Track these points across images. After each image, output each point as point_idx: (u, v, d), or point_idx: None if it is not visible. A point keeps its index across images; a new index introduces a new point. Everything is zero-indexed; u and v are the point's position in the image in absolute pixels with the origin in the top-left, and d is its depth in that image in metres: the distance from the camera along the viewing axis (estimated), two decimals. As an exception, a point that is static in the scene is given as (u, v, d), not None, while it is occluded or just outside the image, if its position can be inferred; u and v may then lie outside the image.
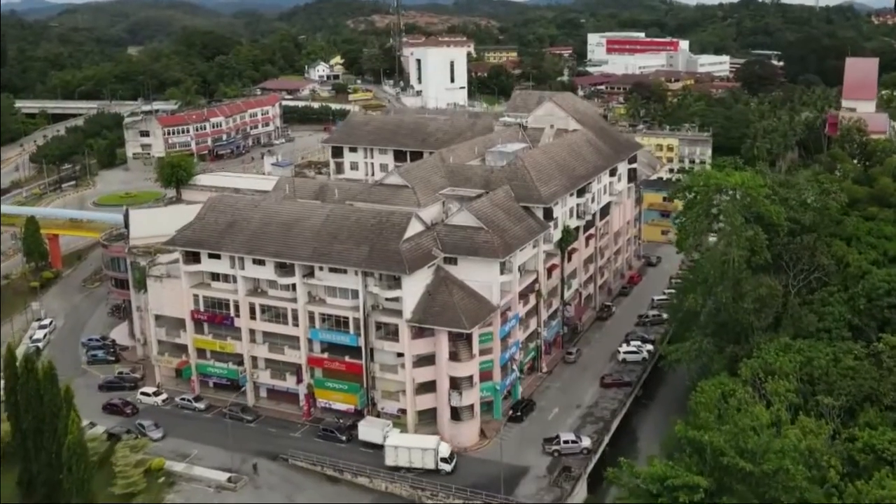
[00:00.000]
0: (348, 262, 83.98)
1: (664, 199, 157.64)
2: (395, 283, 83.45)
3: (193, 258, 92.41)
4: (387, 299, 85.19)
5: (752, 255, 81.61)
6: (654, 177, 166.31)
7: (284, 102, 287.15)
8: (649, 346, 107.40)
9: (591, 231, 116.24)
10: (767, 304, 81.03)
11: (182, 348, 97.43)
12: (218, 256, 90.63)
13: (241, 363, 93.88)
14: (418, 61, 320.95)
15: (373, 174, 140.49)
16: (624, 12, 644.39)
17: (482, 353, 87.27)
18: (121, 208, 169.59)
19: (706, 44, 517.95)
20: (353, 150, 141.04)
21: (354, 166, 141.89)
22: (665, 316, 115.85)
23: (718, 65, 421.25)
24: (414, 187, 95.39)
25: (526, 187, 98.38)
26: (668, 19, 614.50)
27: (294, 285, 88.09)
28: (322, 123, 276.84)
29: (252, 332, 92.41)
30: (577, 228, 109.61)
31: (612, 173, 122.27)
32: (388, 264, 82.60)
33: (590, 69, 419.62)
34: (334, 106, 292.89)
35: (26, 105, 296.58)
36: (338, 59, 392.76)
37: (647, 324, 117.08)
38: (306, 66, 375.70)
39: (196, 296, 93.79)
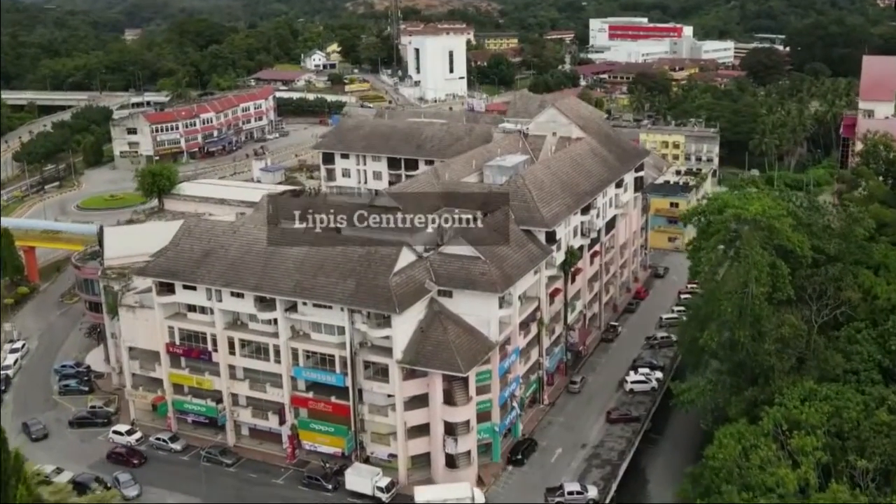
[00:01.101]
0: (333, 299, 77.07)
1: (671, 204, 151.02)
2: (385, 321, 76.54)
3: (167, 288, 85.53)
4: (376, 336, 78.41)
5: (774, 290, 74.56)
6: (661, 179, 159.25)
7: (279, 94, 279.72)
8: (658, 374, 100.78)
9: (596, 248, 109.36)
10: (790, 344, 74.15)
11: (158, 382, 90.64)
12: (193, 288, 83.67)
13: (220, 400, 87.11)
14: (416, 51, 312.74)
15: (365, 181, 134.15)
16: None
17: (480, 391, 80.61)
18: (103, 212, 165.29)
19: (710, 28, 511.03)
20: (344, 156, 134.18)
21: (346, 173, 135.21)
22: (674, 337, 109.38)
23: (723, 51, 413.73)
24: (406, 207, 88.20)
25: (527, 208, 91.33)
26: (670, 2, 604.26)
27: (276, 320, 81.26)
28: (317, 116, 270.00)
29: (231, 367, 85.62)
30: (581, 248, 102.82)
31: (619, 184, 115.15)
32: (376, 301, 75.68)
33: (592, 56, 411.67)
34: (330, 97, 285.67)
35: (13, 97, 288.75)
36: (335, 47, 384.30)
37: (656, 346, 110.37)
38: (302, 55, 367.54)
39: (171, 328, 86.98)
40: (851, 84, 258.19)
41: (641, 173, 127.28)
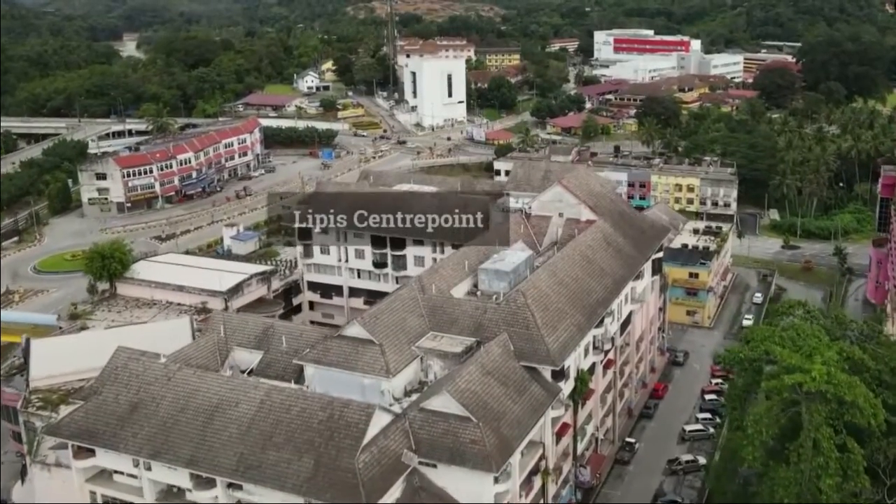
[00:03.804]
0: (284, 484, 61.08)
1: (690, 274, 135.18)
2: (350, 510, 60.69)
3: (87, 448, 69.72)
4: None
5: (845, 479, 58.68)
6: (677, 241, 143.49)
7: (267, 122, 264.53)
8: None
9: (610, 356, 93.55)
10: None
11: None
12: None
13: (154, 580, 71.36)
14: (413, 74, 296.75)
15: (346, 260, 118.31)
16: (630, 0, 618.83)
17: (470, 579, 64.93)
18: (62, 276, 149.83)
19: (716, 36, 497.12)
20: (322, 231, 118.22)
21: (325, 250, 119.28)
22: (701, 460, 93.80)
23: (732, 65, 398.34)
24: (382, 343, 72.40)
25: (529, 337, 75.45)
26: (675, 8, 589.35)
27: (217, 496, 65.39)
28: (308, 147, 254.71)
29: (167, 542, 69.95)
30: (593, 365, 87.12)
31: (636, 276, 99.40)
32: (339, 490, 59.69)
33: (596, 72, 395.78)
34: (322, 126, 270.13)
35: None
36: (329, 65, 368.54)
37: (679, 472, 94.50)
38: (295, 76, 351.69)
39: (93, 492, 71.19)
40: (875, 113, 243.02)
41: (660, 254, 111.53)
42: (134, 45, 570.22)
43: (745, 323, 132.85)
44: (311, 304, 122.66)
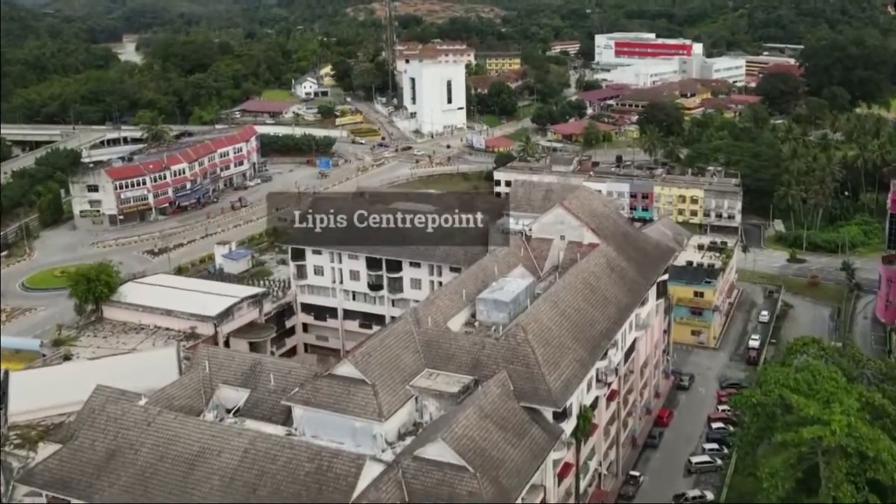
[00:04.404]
0: (269, 543, 57.54)
1: (695, 293, 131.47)
2: (339, 571, 57.10)
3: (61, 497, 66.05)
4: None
5: (866, 538, 55.08)
6: (681, 257, 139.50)
7: (264, 130, 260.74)
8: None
9: (614, 387, 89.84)
10: None
11: None
12: (93, 498, 64.24)
13: None
14: (412, 80, 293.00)
15: (341, 281, 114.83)
16: (630, 2, 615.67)
17: None
18: (51, 294, 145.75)
19: (717, 38, 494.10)
20: (317, 251, 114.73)
21: (319, 271, 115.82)
22: (709, 496, 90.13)
23: (735, 69, 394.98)
24: (374, 384, 68.65)
25: (529, 375, 71.71)
26: (676, 10, 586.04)
27: (199, 550, 61.74)
28: (305, 155, 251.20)
29: None
30: (596, 399, 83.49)
31: (641, 302, 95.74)
32: (327, 551, 56.20)
33: (597, 76, 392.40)
34: (320, 133, 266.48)
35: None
36: (328, 70, 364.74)
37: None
38: (293, 81, 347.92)
39: (71, 542, 67.53)
40: (882, 121, 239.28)
41: (665, 277, 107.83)
42: (133, 47, 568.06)
43: (752, 343, 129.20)
44: (305, 327, 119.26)
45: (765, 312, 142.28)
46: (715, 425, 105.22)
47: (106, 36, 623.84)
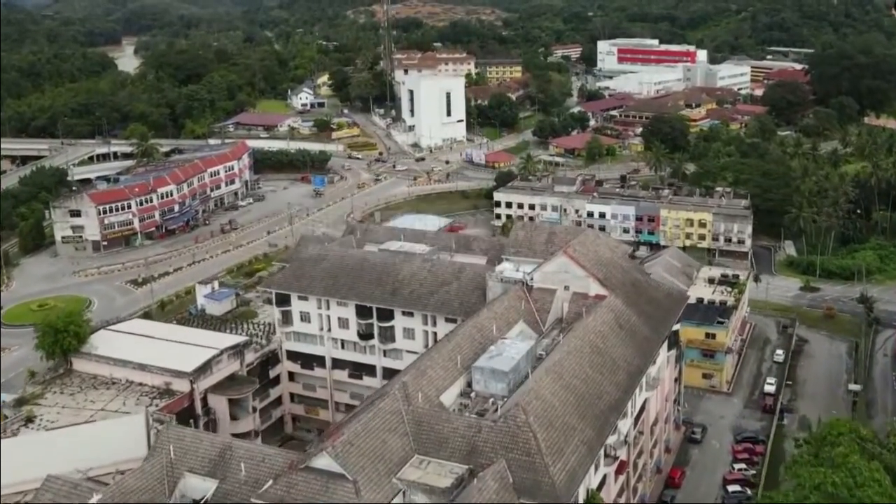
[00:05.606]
0: None
1: (707, 335, 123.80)
2: None
3: None
4: None
5: None
6: (692, 293, 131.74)
7: (258, 144, 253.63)
8: None
9: (623, 458, 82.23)
10: None
11: None
12: None
13: None
14: (410, 92, 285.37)
15: (329, 329, 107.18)
16: (633, 5, 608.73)
17: None
18: (29, 331, 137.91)
19: (721, 42, 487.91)
20: (303, 297, 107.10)
21: (306, 317, 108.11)
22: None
23: (739, 76, 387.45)
24: (356, 479, 61.03)
25: (531, 465, 64.09)
26: (679, 13, 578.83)
27: None
28: (299, 171, 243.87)
29: None
30: (604, 477, 75.94)
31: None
32: None
33: (600, 84, 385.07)
34: (315, 147, 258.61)
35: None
36: (325, 79, 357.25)
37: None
38: (289, 91, 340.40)
39: None
40: (895, 137, 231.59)
41: (678, 326, 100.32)
42: (132, 50, 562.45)
43: (768, 389, 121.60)
44: (291, 375, 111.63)
45: (780, 351, 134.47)
46: (731, 488, 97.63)
47: (105, 39, 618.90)
